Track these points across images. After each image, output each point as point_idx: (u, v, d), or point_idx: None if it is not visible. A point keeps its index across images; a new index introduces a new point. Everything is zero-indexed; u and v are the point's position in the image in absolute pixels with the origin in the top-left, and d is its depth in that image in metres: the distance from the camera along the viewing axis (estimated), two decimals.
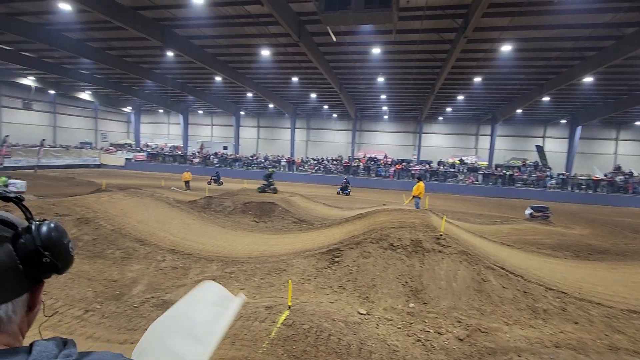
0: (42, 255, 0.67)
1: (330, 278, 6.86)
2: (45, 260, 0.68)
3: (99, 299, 6.31)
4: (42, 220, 0.72)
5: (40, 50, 22.34)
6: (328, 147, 39.38)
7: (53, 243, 0.69)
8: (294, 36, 15.40)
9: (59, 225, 0.74)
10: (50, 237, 0.69)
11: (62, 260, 0.72)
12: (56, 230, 0.72)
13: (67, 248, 0.73)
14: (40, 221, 0.71)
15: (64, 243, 0.73)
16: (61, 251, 0.71)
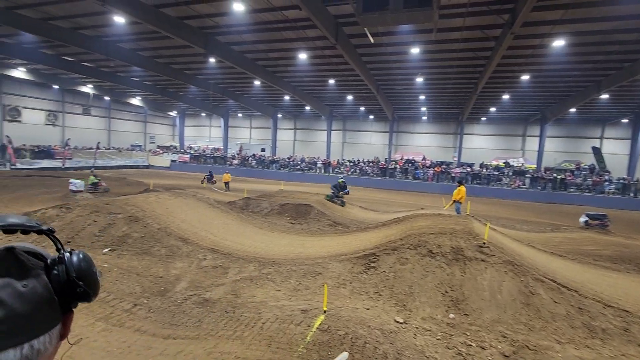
0: (77, 286, 0.69)
1: (366, 283, 6.75)
2: (79, 290, 0.70)
3: (145, 293, 6.69)
4: (70, 250, 0.74)
5: (97, 60, 24.28)
6: (364, 149, 39.02)
7: (85, 273, 0.72)
8: (331, 39, 15.43)
9: (87, 254, 0.76)
10: (82, 267, 0.72)
11: (94, 289, 0.74)
12: (85, 260, 0.74)
13: (96, 277, 0.75)
14: (69, 251, 0.73)
15: (94, 272, 0.75)
16: (92, 280, 0.74)
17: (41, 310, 0.62)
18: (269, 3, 13.92)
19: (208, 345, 4.96)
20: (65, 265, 0.69)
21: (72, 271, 0.69)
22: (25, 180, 19.33)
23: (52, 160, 29.65)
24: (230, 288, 7.07)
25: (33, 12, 16.48)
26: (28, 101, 32.17)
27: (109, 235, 9.02)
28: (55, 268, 0.69)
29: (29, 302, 0.61)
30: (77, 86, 33.08)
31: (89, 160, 30.93)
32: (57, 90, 33.69)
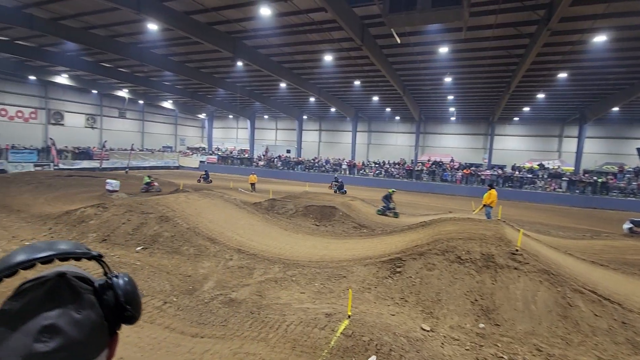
0: (125, 310, 0.70)
1: (392, 289, 6.62)
2: (127, 314, 0.71)
3: (175, 292, 6.90)
4: (117, 274, 0.75)
5: (132, 66, 25.46)
6: (390, 151, 38.50)
7: (132, 296, 0.72)
8: (357, 40, 15.34)
9: (131, 278, 0.76)
10: (129, 291, 0.72)
11: (139, 312, 0.74)
12: (130, 283, 0.74)
13: (140, 299, 0.76)
14: (115, 275, 0.74)
15: (139, 295, 0.75)
16: (138, 303, 0.74)
17: (94, 336, 0.64)
18: (294, 6, 14.04)
19: (234, 345, 5.04)
20: (113, 290, 0.71)
21: (120, 295, 0.70)
22: (67, 180, 20.54)
23: (90, 161, 31.37)
24: (256, 289, 7.15)
25: (75, 22, 17.52)
26: (70, 105, 34.24)
27: (141, 234, 9.40)
28: (105, 293, 0.70)
29: (84, 328, 0.62)
30: (114, 91, 34.83)
31: (124, 161, 32.45)
32: (95, 95, 35.64)
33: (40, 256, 0.64)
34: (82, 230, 9.62)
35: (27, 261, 0.62)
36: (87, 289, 0.68)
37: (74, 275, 0.68)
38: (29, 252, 0.64)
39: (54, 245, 0.67)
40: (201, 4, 14.63)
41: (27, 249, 0.65)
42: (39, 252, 0.64)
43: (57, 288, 0.64)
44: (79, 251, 0.69)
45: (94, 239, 9.17)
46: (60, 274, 0.66)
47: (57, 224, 10.36)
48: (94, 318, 0.64)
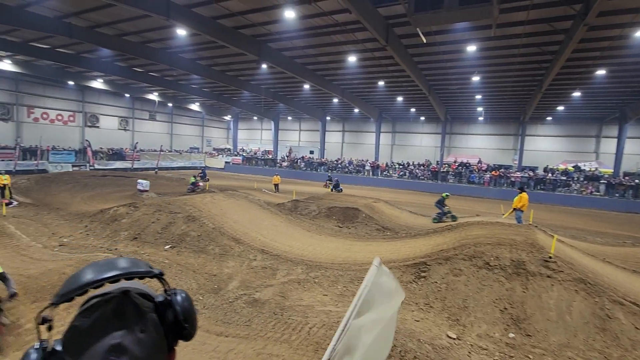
0: (183, 328, 0.72)
1: (416, 294, 6.49)
2: (184, 332, 0.72)
3: (201, 290, 7.07)
4: (174, 290, 0.76)
5: (162, 70, 26.41)
6: (414, 152, 37.83)
7: (189, 313, 0.73)
8: (382, 40, 15.17)
9: (187, 294, 0.77)
10: (186, 309, 0.73)
11: (195, 329, 0.75)
12: (188, 300, 0.75)
13: (196, 316, 0.76)
14: (174, 292, 0.75)
15: (195, 312, 0.76)
16: (195, 320, 0.75)
17: (155, 354, 0.66)
18: (319, 8, 14.08)
19: (257, 345, 5.10)
20: (173, 307, 0.72)
21: (179, 313, 0.71)
22: (101, 179, 21.58)
23: (123, 162, 32.81)
24: (279, 290, 7.21)
25: (110, 29, 18.39)
26: (105, 109, 35.97)
27: (169, 233, 9.71)
28: (165, 310, 0.71)
29: (147, 347, 0.64)
30: (145, 94, 36.27)
31: (153, 161, 33.71)
32: (128, 99, 37.25)
33: (108, 276, 0.67)
34: (115, 229, 10.07)
35: (96, 281, 0.66)
36: (149, 307, 0.70)
37: (137, 292, 0.70)
38: (97, 272, 0.67)
39: (119, 264, 0.70)
40: (227, 9, 14.95)
41: (96, 268, 0.68)
42: (106, 271, 0.67)
43: (122, 306, 0.67)
44: (142, 270, 0.72)
45: (126, 237, 9.57)
46: (124, 291, 0.69)
47: (92, 222, 10.89)
48: (155, 337, 0.67)
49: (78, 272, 0.68)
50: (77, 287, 0.65)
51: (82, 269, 0.68)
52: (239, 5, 14.57)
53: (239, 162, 40.58)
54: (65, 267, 7.05)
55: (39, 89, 30.67)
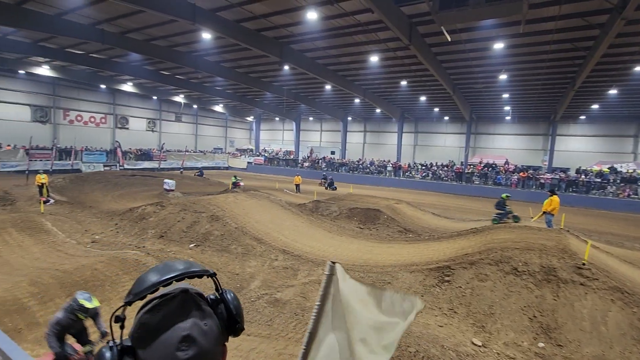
0: (236, 322, 0.76)
1: (439, 298, 6.34)
2: (237, 327, 0.77)
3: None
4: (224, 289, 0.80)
5: (188, 73, 27.16)
6: (437, 152, 37.05)
7: (239, 310, 0.78)
8: (405, 40, 14.95)
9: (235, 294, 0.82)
10: (237, 306, 0.78)
11: (244, 325, 0.79)
12: (237, 298, 0.80)
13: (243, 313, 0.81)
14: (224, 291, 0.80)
15: (242, 309, 0.81)
16: (243, 317, 0.80)
17: (217, 345, 0.71)
18: (341, 9, 14.05)
19: (278, 345, 5.14)
20: (225, 304, 0.76)
21: (232, 309, 0.76)
22: (130, 179, 22.43)
23: (151, 162, 33.97)
24: (300, 290, 7.24)
25: (139, 34, 19.10)
26: (134, 111, 37.38)
27: (194, 231, 9.96)
28: (218, 307, 0.76)
29: (210, 338, 0.70)
30: (171, 96, 37.42)
31: (179, 162, 34.71)
32: (155, 101, 38.56)
33: (173, 275, 0.72)
34: (143, 227, 10.42)
35: (165, 280, 0.71)
36: (207, 303, 0.75)
37: (193, 291, 0.75)
38: (163, 273, 0.73)
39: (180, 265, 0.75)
40: (250, 12, 15.19)
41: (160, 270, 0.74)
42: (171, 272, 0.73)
43: (186, 302, 0.72)
44: (199, 270, 0.76)
45: (153, 235, 9.90)
46: (184, 290, 0.74)
47: (122, 220, 11.33)
48: (215, 328, 0.72)
49: (145, 274, 0.74)
50: (149, 286, 0.70)
51: (147, 272, 0.74)
52: (262, 8, 14.77)
53: (261, 162, 41.12)
54: (96, 264, 7.38)
55: (74, 93, 32.26)
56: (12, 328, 5.13)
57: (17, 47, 21.12)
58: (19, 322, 5.36)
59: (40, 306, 5.83)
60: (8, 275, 7.10)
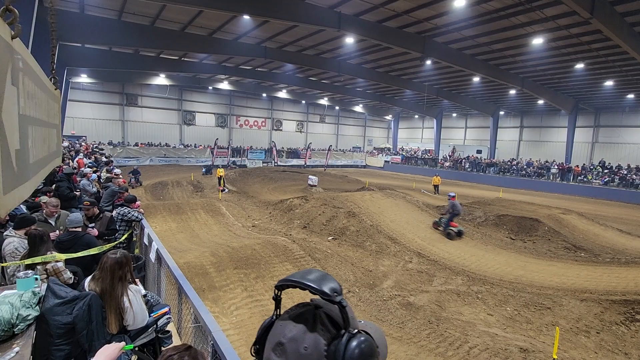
0: None
1: (627, 341, 4.91)
2: None
3: (357, 284, 7.46)
4: (356, 332, 0.66)
5: (331, 77, 29.16)
6: (627, 151, 28.63)
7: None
8: (584, 12, 12.09)
9: (371, 344, 0.66)
10: (351, 357, 0.63)
11: None
12: (361, 351, 0.64)
13: None
14: (353, 333, 0.66)
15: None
16: None
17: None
18: None
19: (410, 351, 4.99)
20: (339, 346, 0.64)
21: (339, 355, 0.63)
22: (282, 174, 25.73)
23: (298, 160, 38.12)
24: (435, 297, 6.84)
25: (293, 47, 21.60)
26: (286, 114, 42.67)
27: (332, 225, 10.65)
28: (335, 345, 0.64)
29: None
30: (317, 100, 40.96)
31: (322, 160, 37.71)
32: (303, 105, 42.97)
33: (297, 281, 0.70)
34: (290, 217, 11.79)
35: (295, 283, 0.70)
36: (328, 332, 0.67)
37: (327, 314, 0.69)
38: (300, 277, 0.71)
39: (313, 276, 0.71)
40: (393, 10, 15.08)
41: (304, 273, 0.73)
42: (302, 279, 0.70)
43: (305, 316, 0.69)
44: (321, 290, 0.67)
45: (298, 225, 11.08)
46: (316, 306, 0.71)
47: (274, 209, 13.11)
48: (313, 355, 0.64)
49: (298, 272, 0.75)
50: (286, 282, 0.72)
51: (304, 270, 0.75)
52: (404, 4, 14.48)
53: (398, 161, 40.61)
54: (255, 245, 8.76)
55: (243, 102, 39.17)
56: (198, 287, 6.62)
57: (208, 69, 27.05)
58: (203, 284, 6.87)
59: (217, 273, 7.32)
60: (197, 246, 9.20)
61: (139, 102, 32.96)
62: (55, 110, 3.36)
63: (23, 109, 1.57)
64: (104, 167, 11.62)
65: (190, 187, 18.71)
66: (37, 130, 1.97)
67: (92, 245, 3.99)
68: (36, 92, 1.96)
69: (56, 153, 3.67)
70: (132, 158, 29.14)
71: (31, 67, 1.86)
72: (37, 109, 2.00)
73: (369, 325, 0.73)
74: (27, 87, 1.68)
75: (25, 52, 1.69)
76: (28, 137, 1.65)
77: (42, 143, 2.34)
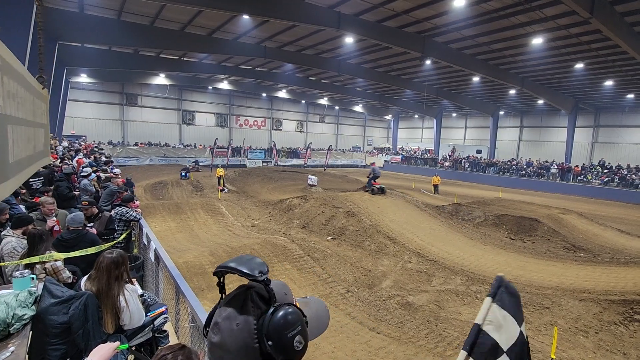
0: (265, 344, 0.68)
1: (625, 341, 4.91)
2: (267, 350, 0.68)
3: (356, 283, 7.46)
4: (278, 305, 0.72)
5: (331, 77, 29.15)
6: (627, 151, 28.65)
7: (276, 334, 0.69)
8: (583, 12, 12.09)
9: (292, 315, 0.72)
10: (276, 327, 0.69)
11: (282, 354, 0.69)
12: (285, 320, 0.70)
13: (290, 342, 0.70)
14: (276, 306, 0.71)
15: (287, 336, 0.69)
16: (282, 344, 0.69)
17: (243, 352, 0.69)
18: None
19: (408, 350, 4.98)
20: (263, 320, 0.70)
21: (264, 327, 0.69)
22: (282, 174, 25.73)
23: (298, 159, 38.09)
24: (434, 297, 6.84)
25: (292, 47, 21.59)
26: (286, 114, 42.64)
27: (331, 225, 10.65)
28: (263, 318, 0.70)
29: (236, 340, 0.69)
30: (317, 99, 40.94)
31: (322, 159, 37.69)
32: (303, 105, 42.94)
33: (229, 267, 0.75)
34: (289, 217, 11.78)
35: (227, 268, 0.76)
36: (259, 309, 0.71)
37: (258, 293, 0.74)
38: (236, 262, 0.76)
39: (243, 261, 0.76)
40: (392, 10, 15.07)
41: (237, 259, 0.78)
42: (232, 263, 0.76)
43: (238, 297, 0.75)
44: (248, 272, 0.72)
45: (297, 225, 11.07)
46: (248, 287, 0.76)
47: (274, 209, 13.10)
48: (244, 336, 0.69)
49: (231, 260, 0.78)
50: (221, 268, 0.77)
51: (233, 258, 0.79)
52: (404, 4, 14.47)
53: (397, 161, 40.62)
54: (254, 244, 8.75)
55: (243, 101, 39.14)
56: (197, 287, 6.62)
57: (208, 69, 27.03)
58: (202, 283, 6.87)
59: None
60: (197, 245, 9.20)
61: (139, 101, 32.95)
62: (43, 110, 3.34)
63: (2, 108, 1.55)
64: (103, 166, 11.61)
65: (189, 187, 18.71)
66: (19, 129, 1.94)
67: (96, 243, 4.02)
68: (19, 92, 1.93)
69: (43, 152, 3.65)
70: (131, 158, 29.13)
71: (12, 66, 1.83)
72: (20, 108, 1.98)
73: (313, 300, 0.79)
74: (8, 86, 1.65)
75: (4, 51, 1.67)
76: (8, 136, 1.62)
77: (27, 142, 2.32)
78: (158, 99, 33.65)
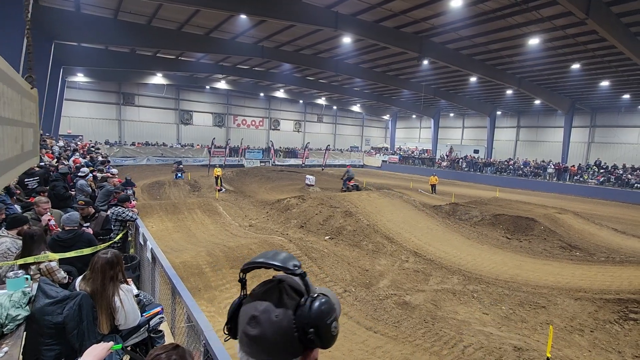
0: (307, 332, 0.74)
1: (620, 339, 4.94)
2: (308, 337, 0.74)
3: (354, 283, 7.47)
4: (316, 295, 0.78)
5: (329, 76, 29.16)
6: (623, 151, 28.82)
7: (317, 322, 0.75)
8: (579, 13, 12.15)
9: (329, 304, 0.78)
10: (316, 316, 0.75)
11: (323, 339, 0.76)
12: (322, 310, 0.76)
13: (329, 328, 0.76)
14: (314, 296, 0.78)
15: (327, 323, 0.76)
16: (323, 331, 0.75)
17: (283, 341, 0.74)
18: None
19: (405, 350, 5.00)
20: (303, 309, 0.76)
21: (306, 317, 0.75)
22: (279, 173, 25.70)
23: (296, 159, 38.06)
24: (431, 297, 6.86)
25: (290, 46, 21.57)
26: (283, 114, 42.61)
27: (329, 225, 10.65)
28: (300, 309, 0.76)
29: (276, 331, 0.74)
30: (314, 99, 40.94)
31: (320, 159, 37.69)
32: (301, 104, 42.93)
33: (259, 262, 0.81)
34: (287, 217, 11.77)
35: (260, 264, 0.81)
36: (293, 300, 0.77)
37: (290, 285, 0.80)
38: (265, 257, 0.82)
39: (279, 256, 0.82)
40: (390, 10, 15.09)
41: (266, 254, 0.83)
42: (262, 258, 0.82)
43: (272, 290, 0.79)
44: (285, 267, 0.79)
45: (294, 225, 11.06)
46: (280, 279, 0.82)
47: (271, 209, 13.09)
48: (285, 325, 0.74)
49: (259, 254, 0.84)
50: (252, 264, 0.82)
51: (260, 254, 0.84)
52: (401, 4, 14.49)
53: (395, 160, 40.67)
54: (252, 244, 8.75)
55: (241, 101, 39.07)
56: (194, 287, 6.60)
57: (205, 68, 26.95)
58: (199, 283, 6.86)
59: (213, 273, 7.30)
60: (194, 246, 9.17)
61: (136, 101, 32.83)
62: (32, 109, 3.32)
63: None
64: (99, 166, 11.56)
65: (187, 187, 18.66)
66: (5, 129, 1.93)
67: (93, 243, 4.00)
68: (4, 91, 1.93)
69: (32, 152, 3.63)
70: (129, 157, 29.04)
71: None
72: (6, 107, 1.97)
73: (325, 290, 0.83)
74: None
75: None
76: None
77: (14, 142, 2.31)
78: (155, 99, 33.54)
